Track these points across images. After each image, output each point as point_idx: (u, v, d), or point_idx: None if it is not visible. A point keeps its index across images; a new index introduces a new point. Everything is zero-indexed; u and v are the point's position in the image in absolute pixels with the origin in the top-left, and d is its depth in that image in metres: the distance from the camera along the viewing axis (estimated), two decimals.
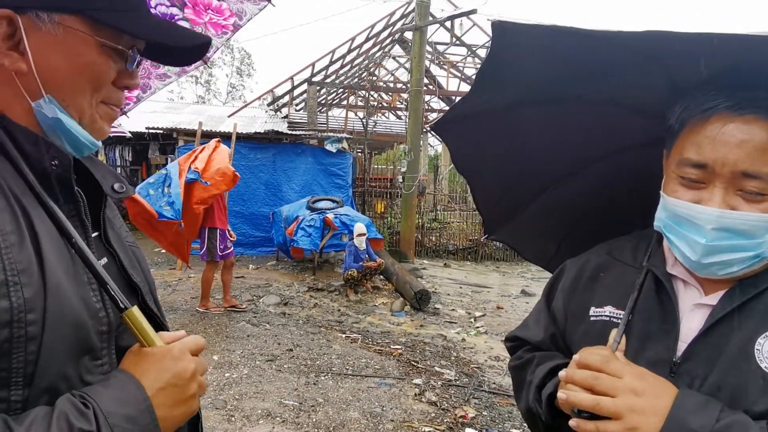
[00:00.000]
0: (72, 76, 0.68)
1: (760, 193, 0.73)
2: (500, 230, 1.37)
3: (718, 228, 0.75)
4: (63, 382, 0.61)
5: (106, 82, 0.71)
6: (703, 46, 0.72)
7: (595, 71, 0.95)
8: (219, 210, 5.75)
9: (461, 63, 15.68)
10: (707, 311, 0.80)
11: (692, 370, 0.77)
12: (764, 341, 0.74)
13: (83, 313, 0.63)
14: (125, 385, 0.62)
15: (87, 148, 0.74)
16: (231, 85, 34.59)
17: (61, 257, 0.64)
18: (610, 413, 0.72)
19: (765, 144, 0.72)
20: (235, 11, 1.47)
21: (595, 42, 0.85)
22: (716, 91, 0.76)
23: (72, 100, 0.69)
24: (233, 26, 1.51)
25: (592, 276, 0.97)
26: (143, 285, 0.81)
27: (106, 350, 0.68)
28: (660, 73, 0.90)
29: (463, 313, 6.76)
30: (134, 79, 0.76)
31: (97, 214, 0.78)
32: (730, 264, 0.76)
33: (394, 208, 12.34)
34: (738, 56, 0.74)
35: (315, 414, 3.61)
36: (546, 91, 1.05)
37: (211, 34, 1.52)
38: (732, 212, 0.74)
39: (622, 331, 0.83)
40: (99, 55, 0.69)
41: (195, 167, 5.43)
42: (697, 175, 0.77)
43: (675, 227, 0.80)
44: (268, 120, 13.65)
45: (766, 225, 0.73)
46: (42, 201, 0.65)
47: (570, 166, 1.21)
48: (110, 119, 0.75)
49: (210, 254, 5.73)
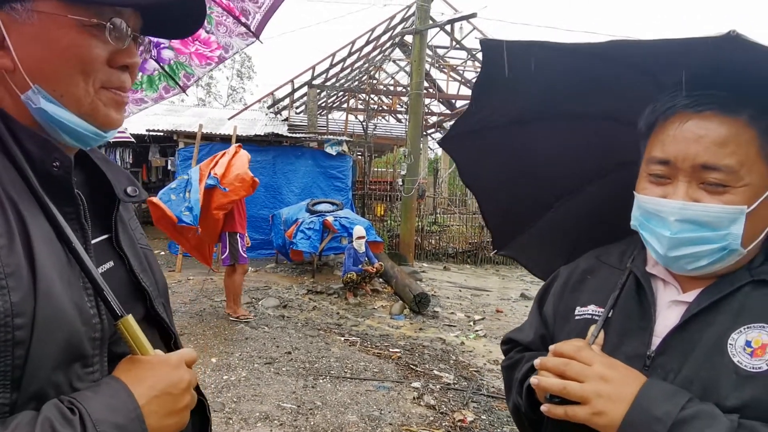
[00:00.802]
0: (57, 64, 0.64)
1: (721, 185, 0.76)
2: (509, 245, 1.38)
3: (681, 219, 0.78)
4: (52, 388, 0.60)
5: (95, 64, 0.66)
6: (669, 52, 0.77)
7: (587, 85, 0.97)
8: (239, 215, 5.71)
9: (461, 66, 15.69)
10: (684, 308, 0.82)
11: (666, 364, 0.79)
12: (737, 336, 0.75)
13: (76, 319, 0.62)
14: (116, 392, 0.61)
15: (92, 140, 0.71)
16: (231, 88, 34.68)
17: (56, 261, 0.62)
18: (577, 397, 0.76)
19: (722, 138, 0.75)
20: (222, 44, 1.48)
21: (581, 56, 0.88)
22: (677, 91, 0.80)
23: (65, 90, 0.66)
24: (218, 58, 1.52)
25: (579, 279, 1.00)
26: (153, 290, 0.80)
27: (98, 357, 0.66)
28: (649, 84, 0.91)
29: (462, 317, 6.75)
30: (132, 56, 0.70)
31: (109, 217, 0.77)
32: (697, 257, 0.78)
33: (394, 211, 12.34)
34: (694, 58, 0.77)
35: (313, 417, 3.60)
36: (542, 107, 1.07)
37: (194, 65, 1.54)
38: (694, 204, 0.77)
39: (600, 326, 0.86)
40: (79, 35, 0.64)
41: (214, 173, 5.43)
42: (662, 170, 0.80)
43: (646, 223, 0.84)
44: (269, 122, 13.65)
45: (729, 216, 0.76)
46: (42, 203, 0.63)
47: (575, 182, 1.23)
48: (117, 105, 0.70)
49: (233, 258, 5.67)
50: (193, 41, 1.46)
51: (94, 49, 0.66)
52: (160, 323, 0.81)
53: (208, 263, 6.07)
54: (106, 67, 0.68)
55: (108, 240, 0.77)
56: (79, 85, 0.66)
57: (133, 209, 0.94)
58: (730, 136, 0.75)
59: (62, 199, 0.67)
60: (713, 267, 0.79)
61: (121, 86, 0.71)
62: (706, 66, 0.76)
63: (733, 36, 0.62)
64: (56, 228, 0.64)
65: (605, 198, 1.21)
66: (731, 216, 0.76)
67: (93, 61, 0.66)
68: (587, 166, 1.19)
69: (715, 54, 0.72)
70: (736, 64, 0.71)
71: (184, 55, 1.51)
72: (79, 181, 0.76)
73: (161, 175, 14.05)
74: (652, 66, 0.88)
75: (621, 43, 0.77)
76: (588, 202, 1.24)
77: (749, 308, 0.77)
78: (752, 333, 0.75)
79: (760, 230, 0.79)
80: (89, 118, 0.68)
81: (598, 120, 1.07)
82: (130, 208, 0.88)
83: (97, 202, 0.77)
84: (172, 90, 1.65)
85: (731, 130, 0.75)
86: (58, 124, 0.67)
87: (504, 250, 1.39)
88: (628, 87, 0.95)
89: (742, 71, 0.72)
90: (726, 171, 0.75)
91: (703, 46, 0.70)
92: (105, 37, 0.66)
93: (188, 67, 1.55)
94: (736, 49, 0.65)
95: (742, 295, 0.79)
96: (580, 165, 1.19)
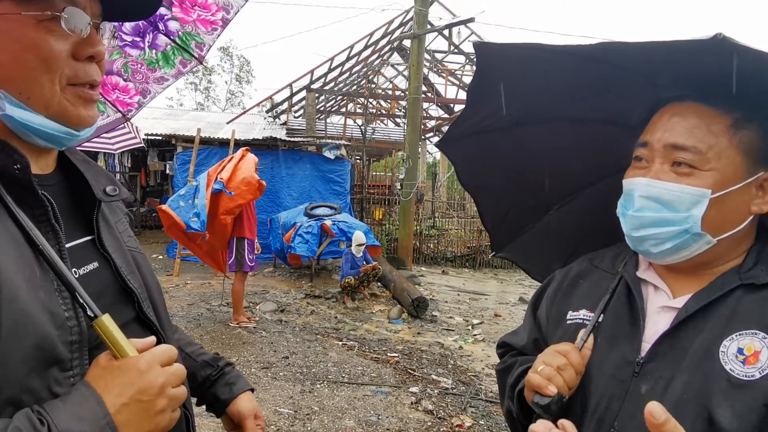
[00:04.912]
0: (18, 66, 0.63)
1: (689, 165, 0.78)
2: (507, 248, 1.38)
3: (644, 196, 0.81)
4: (27, 394, 0.58)
5: (57, 60, 0.64)
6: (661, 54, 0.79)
7: (582, 88, 0.97)
8: (248, 220, 5.68)
9: (459, 71, 15.74)
10: (674, 314, 0.82)
11: (656, 370, 0.79)
12: (729, 343, 0.75)
13: (46, 324, 0.60)
14: (84, 400, 0.59)
15: (65, 140, 0.69)
16: (230, 92, 34.69)
17: (23, 265, 0.61)
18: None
19: (695, 123, 0.80)
20: (221, 5, 1.45)
21: (575, 59, 0.89)
22: (668, 88, 0.84)
23: (30, 91, 0.64)
24: (222, 21, 1.48)
25: (572, 282, 1.00)
26: (141, 291, 0.79)
27: (78, 360, 0.64)
28: (644, 86, 0.91)
29: (460, 321, 6.73)
30: (95, 45, 0.68)
31: (90, 218, 0.76)
32: (661, 239, 0.80)
33: (392, 215, 12.33)
34: (684, 60, 0.80)
35: (310, 422, 3.58)
36: (539, 109, 1.07)
37: (201, 32, 1.51)
38: (657, 181, 0.80)
39: (589, 331, 0.86)
40: (36, 33, 0.63)
41: (221, 177, 5.41)
42: (642, 153, 0.85)
43: (622, 207, 0.86)
44: (267, 126, 13.66)
45: (689, 198, 0.78)
46: (7, 207, 0.62)
47: (573, 185, 1.23)
48: (85, 101, 0.69)
49: (239, 264, 5.61)
50: (193, 7, 1.43)
51: (53, 44, 0.64)
52: (149, 326, 0.80)
53: (222, 269, 6.01)
54: (72, 62, 0.66)
55: (92, 241, 0.75)
56: (44, 85, 0.65)
57: (124, 212, 0.91)
58: (702, 123, 0.79)
59: (30, 201, 0.66)
60: (681, 253, 0.80)
61: (90, 81, 0.69)
62: (695, 68, 0.78)
63: (720, 39, 0.64)
64: (24, 231, 0.62)
65: (603, 201, 1.20)
66: (692, 198, 0.77)
67: (55, 58, 0.64)
68: (585, 170, 1.19)
69: (703, 55, 0.73)
70: (723, 65, 0.71)
71: (188, 24, 1.48)
72: (59, 182, 0.75)
73: (159, 179, 14.04)
74: (644, 68, 0.89)
75: (613, 46, 0.78)
76: (587, 205, 1.24)
77: (740, 313, 0.76)
78: (744, 340, 0.74)
79: (733, 223, 0.79)
80: (59, 119, 0.67)
81: (595, 123, 1.07)
82: (117, 211, 0.87)
83: (79, 203, 0.76)
84: (189, 63, 1.61)
85: (705, 118, 0.79)
86: (27, 128, 0.65)
87: (502, 252, 1.39)
88: (623, 89, 0.95)
89: (728, 72, 0.73)
90: (693, 151, 0.78)
91: (692, 48, 0.71)
92: (62, 30, 0.64)
93: (196, 36, 1.52)
94: (722, 51, 0.66)
95: (733, 300, 0.78)
96: (578, 168, 1.18)
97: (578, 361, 0.82)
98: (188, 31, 1.49)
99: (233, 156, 5.81)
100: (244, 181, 5.41)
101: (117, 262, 0.76)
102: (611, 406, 0.81)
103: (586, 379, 0.84)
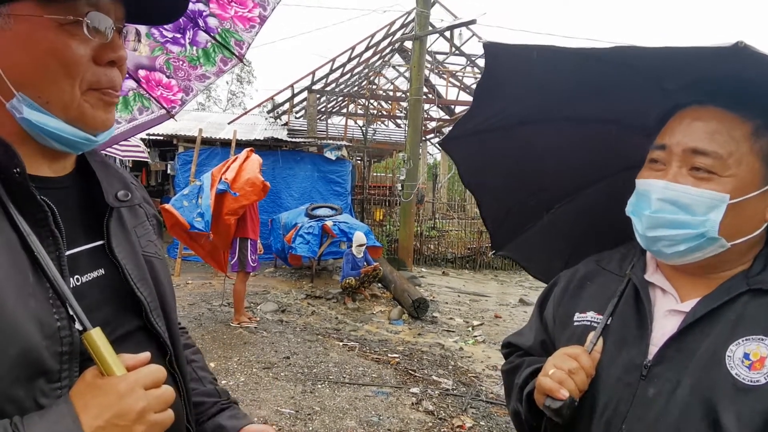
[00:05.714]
0: (39, 69, 0.62)
1: (708, 171, 0.78)
2: (508, 246, 1.38)
3: (662, 199, 0.81)
4: (10, 404, 0.56)
5: (78, 64, 0.63)
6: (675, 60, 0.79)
7: (589, 89, 0.97)
8: (252, 220, 5.68)
9: (460, 72, 15.74)
10: (681, 317, 0.82)
11: (663, 374, 0.79)
12: (736, 348, 0.75)
13: (34, 333, 0.58)
14: (61, 418, 0.56)
15: (82, 145, 0.68)
16: (231, 93, 34.71)
17: (14, 272, 0.59)
18: None
19: (716, 128, 0.79)
20: (257, 1, 1.42)
21: (584, 60, 0.89)
22: (687, 91, 0.83)
23: (50, 95, 0.63)
24: (260, 18, 1.46)
25: (579, 284, 1.00)
26: (151, 300, 0.76)
27: (68, 372, 0.62)
28: (653, 90, 0.92)
29: (461, 322, 6.74)
30: (117, 51, 0.67)
31: (101, 223, 0.74)
32: (676, 241, 0.80)
33: (393, 216, 12.34)
34: (701, 66, 0.79)
35: (311, 422, 3.59)
36: (545, 109, 1.07)
37: (240, 30, 1.49)
38: (676, 184, 0.80)
39: (598, 334, 0.86)
40: (58, 36, 0.62)
41: (225, 178, 5.41)
42: (659, 156, 0.84)
43: (635, 206, 0.86)
44: (268, 127, 13.66)
45: (708, 202, 0.78)
46: (7, 211, 0.60)
47: (576, 184, 1.23)
48: (105, 106, 0.68)
49: (241, 265, 5.63)
50: (230, 3, 1.41)
51: (75, 49, 0.63)
52: (156, 337, 0.77)
53: (223, 270, 6.03)
54: (93, 66, 0.65)
55: (102, 247, 0.73)
56: (65, 89, 0.64)
57: (151, 214, 0.89)
58: (724, 128, 0.78)
59: (31, 206, 0.64)
60: (693, 255, 0.80)
61: (111, 86, 0.68)
62: (714, 73, 0.78)
63: (741, 47, 0.63)
64: (21, 236, 0.61)
65: (606, 201, 1.21)
66: (711, 202, 0.77)
67: (76, 62, 0.63)
68: (589, 169, 1.19)
69: (723, 63, 0.73)
70: (743, 72, 0.72)
71: (227, 21, 1.46)
72: (74, 185, 0.73)
73: (161, 179, 14.04)
74: (657, 73, 0.89)
75: (627, 50, 0.78)
76: (589, 204, 1.24)
77: (747, 318, 0.77)
78: (751, 345, 0.74)
79: (748, 228, 0.79)
80: (77, 123, 0.66)
81: (600, 124, 1.08)
82: (140, 214, 0.84)
83: (94, 206, 0.74)
84: (229, 61, 1.59)
85: (726, 123, 0.78)
86: (44, 132, 0.64)
87: (502, 251, 1.39)
88: (630, 91, 0.95)
89: (748, 79, 0.73)
90: (713, 157, 0.78)
91: (711, 55, 0.71)
92: (84, 34, 0.63)
93: (235, 33, 1.50)
94: (743, 59, 0.65)
95: (740, 304, 0.78)
96: (581, 168, 1.19)
97: (589, 365, 0.82)
98: (227, 28, 1.47)
99: (237, 156, 5.81)
100: (248, 182, 5.42)
101: (127, 269, 0.74)
102: (619, 408, 0.81)
103: (594, 381, 0.84)
